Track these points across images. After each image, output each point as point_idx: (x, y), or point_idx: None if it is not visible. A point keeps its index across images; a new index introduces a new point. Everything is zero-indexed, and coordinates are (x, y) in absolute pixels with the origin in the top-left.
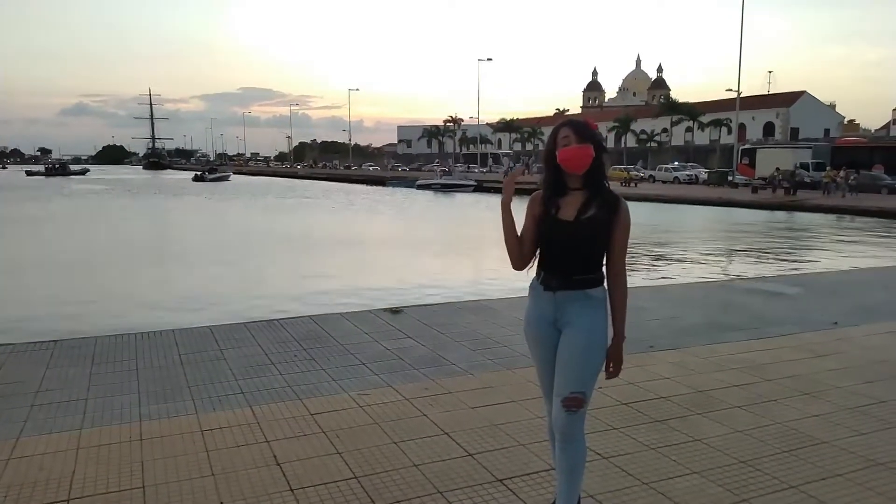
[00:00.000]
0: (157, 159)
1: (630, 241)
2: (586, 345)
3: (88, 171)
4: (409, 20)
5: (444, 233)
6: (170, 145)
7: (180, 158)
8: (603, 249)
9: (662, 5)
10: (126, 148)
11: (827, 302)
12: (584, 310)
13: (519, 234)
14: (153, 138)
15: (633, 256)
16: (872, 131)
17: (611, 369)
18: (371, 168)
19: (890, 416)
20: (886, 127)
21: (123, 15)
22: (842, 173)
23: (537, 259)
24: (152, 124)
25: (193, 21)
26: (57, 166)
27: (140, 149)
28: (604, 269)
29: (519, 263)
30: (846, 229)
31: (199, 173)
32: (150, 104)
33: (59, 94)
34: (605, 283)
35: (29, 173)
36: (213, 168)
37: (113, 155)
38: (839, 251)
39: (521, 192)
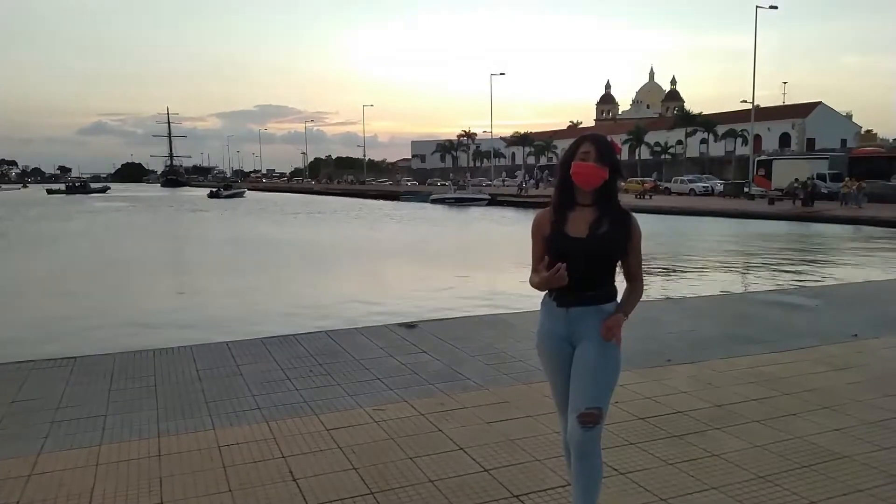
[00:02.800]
0: (174, 177)
1: (646, 253)
2: (601, 360)
3: (109, 188)
4: (422, 35)
5: (458, 247)
6: (187, 163)
7: (198, 175)
8: (615, 265)
9: (675, 17)
10: (144, 166)
11: (846, 314)
12: (597, 325)
13: (532, 259)
14: (171, 156)
15: (649, 269)
16: (890, 141)
17: (603, 333)
18: (409, 182)
19: None
20: None
21: (142, 35)
22: (852, 185)
23: None
24: (170, 142)
25: (211, 40)
26: (78, 184)
27: (158, 166)
28: (615, 283)
29: None
30: (864, 240)
31: (214, 190)
32: (168, 122)
33: (79, 113)
34: (620, 294)
35: (50, 191)
36: (228, 185)
37: (131, 173)
38: (858, 262)
39: (530, 205)
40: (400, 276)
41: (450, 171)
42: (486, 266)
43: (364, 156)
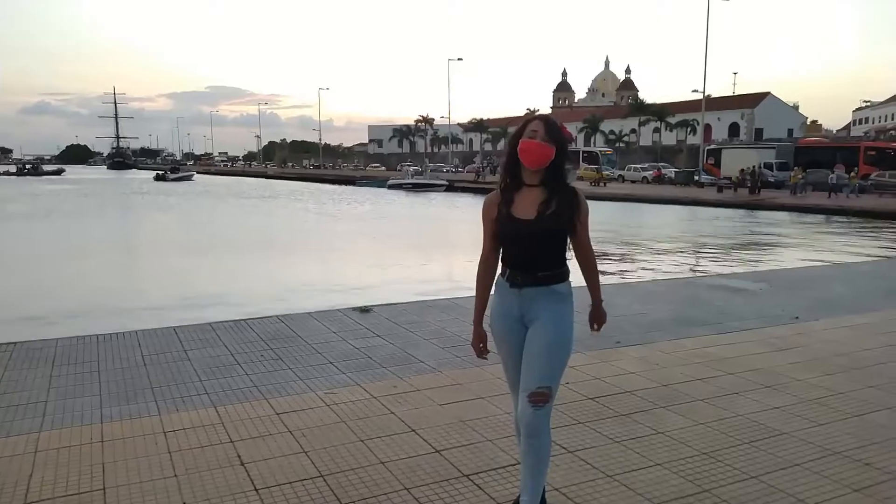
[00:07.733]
0: (121, 159)
1: (598, 239)
2: (553, 340)
3: (64, 171)
4: (380, 19)
5: (414, 231)
6: (135, 144)
7: (146, 158)
8: (565, 244)
9: (631, 7)
10: (90, 147)
11: (788, 297)
12: (550, 305)
13: (483, 243)
14: (118, 137)
15: (601, 253)
16: (834, 132)
17: (595, 329)
18: (412, 167)
19: (847, 407)
20: (847, 127)
21: (88, 11)
22: (800, 174)
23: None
24: (117, 123)
25: (160, 18)
26: (28, 167)
27: (104, 148)
28: (568, 262)
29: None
30: (806, 226)
31: (160, 173)
32: (115, 103)
33: (21, 92)
34: (572, 273)
35: None
36: (175, 167)
37: (77, 155)
38: (800, 247)
39: (487, 191)
40: (354, 260)
41: (407, 157)
42: (441, 250)
43: (320, 140)
